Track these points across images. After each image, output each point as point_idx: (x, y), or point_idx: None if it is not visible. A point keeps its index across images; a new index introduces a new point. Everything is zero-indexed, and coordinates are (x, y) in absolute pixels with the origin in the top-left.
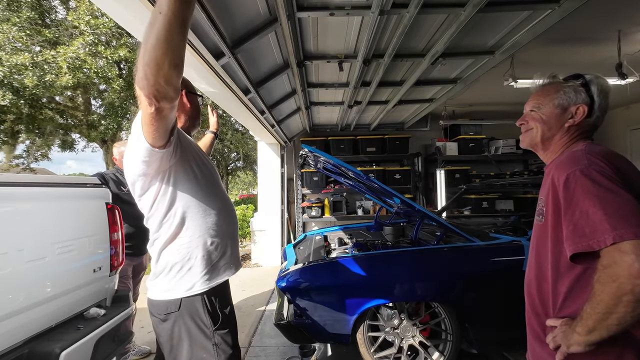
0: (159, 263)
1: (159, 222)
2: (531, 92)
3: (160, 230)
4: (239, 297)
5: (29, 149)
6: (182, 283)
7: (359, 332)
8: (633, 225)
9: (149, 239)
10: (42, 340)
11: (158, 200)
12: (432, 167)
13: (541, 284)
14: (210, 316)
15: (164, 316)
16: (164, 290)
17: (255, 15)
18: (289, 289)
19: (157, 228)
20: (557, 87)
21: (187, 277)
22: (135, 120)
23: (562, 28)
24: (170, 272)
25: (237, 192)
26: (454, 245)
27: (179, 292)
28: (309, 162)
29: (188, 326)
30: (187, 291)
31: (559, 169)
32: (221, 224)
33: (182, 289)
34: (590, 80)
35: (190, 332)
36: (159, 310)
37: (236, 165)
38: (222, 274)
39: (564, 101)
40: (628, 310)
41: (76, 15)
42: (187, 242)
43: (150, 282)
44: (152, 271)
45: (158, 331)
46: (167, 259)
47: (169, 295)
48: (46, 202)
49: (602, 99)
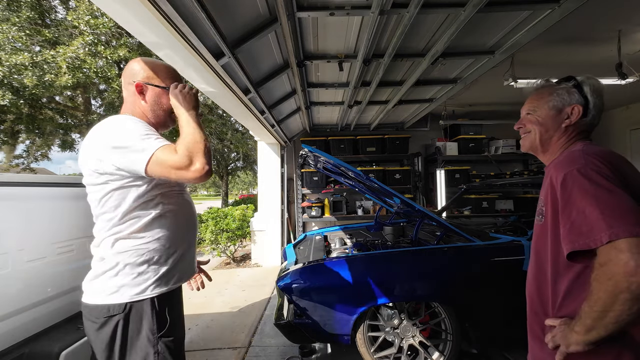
0: (106, 262)
1: (120, 219)
2: (526, 96)
3: (120, 227)
4: (239, 297)
5: (29, 149)
6: (132, 285)
7: (359, 332)
8: (629, 223)
9: (96, 235)
10: (42, 340)
11: (125, 195)
12: (432, 167)
13: (540, 283)
14: (157, 321)
15: (103, 319)
16: (109, 293)
17: (255, 15)
18: (289, 289)
19: (116, 224)
20: (550, 89)
21: (139, 279)
22: (147, 135)
23: (562, 28)
24: (119, 273)
25: (237, 192)
26: (454, 245)
27: (126, 295)
28: (309, 162)
29: (131, 330)
30: (136, 295)
31: (557, 169)
32: (182, 228)
33: (131, 292)
34: (582, 81)
35: (132, 337)
36: (97, 314)
37: (236, 165)
38: (177, 281)
39: (558, 103)
40: (625, 308)
41: (76, 15)
42: (146, 242)
43: (88, 283)
44: (93, 272)
45: (92, 337)
46: (119, 259)
47: (113, 299)
48: (46, 202)
49: (596, 98)
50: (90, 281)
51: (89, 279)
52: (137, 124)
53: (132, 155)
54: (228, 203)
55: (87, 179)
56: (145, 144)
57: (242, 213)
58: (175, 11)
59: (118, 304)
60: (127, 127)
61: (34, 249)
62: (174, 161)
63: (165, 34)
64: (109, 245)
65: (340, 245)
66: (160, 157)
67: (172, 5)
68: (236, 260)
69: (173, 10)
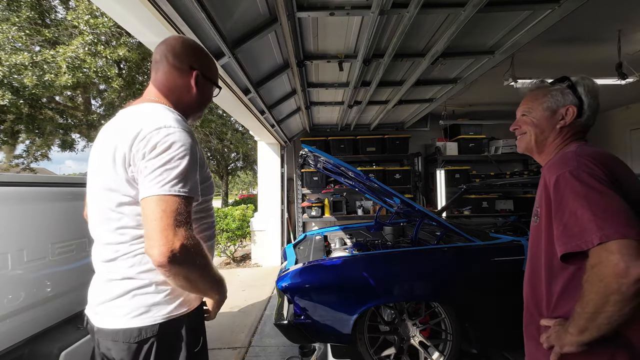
0: (131, 281)
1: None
2: (522, 97)
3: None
4: (239, 297)
5: (29, 149)
6: (164, 303)
7: (359, 332)
8: (619, 225)
9: (110, 249)
10: (42, 340)
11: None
12: (432, 167)
13: (536, 284)
14: (193, 338)
15: (134, 344)
16: (137, 314)
17: (255, 15)
18: (289, 289)
19: (137, 237)
20: (544, 91)
21: (172, 295)
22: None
23: (562, 28)
24: (148, 292)
25: (237, 192)
26: (454, 245)
27: (158, 315)
28: (309, 162)
29: (167, 351)
30: (168, 314)
31: (550, 170)
32: (205, 240)
33: (164, 310)
34: (576, 81)
35: (170, 357)
36: (124, 339)
37: (236, 165)
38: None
39: (552, 104)
40: (616, 309)
41: (75, 15)
42: None
43: (103, 305)
44: (108, 291)
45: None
46: (150, 277)
47: (144, 320)
48: (46, 202)
49: (591, 98)
50: (106, 303)
51: (105, 299)
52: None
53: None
54: (228, 203)
55: (116, 185)
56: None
57: (242, 213)
58: (175, 11)
59: (150, 325)
60: (178, 141)
61: (34, 249)
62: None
63: (165, 34)
64: (134, 261)
65: (340, 245)
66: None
67: (172, 5)
68: (236, 260)
69: (173, 10)
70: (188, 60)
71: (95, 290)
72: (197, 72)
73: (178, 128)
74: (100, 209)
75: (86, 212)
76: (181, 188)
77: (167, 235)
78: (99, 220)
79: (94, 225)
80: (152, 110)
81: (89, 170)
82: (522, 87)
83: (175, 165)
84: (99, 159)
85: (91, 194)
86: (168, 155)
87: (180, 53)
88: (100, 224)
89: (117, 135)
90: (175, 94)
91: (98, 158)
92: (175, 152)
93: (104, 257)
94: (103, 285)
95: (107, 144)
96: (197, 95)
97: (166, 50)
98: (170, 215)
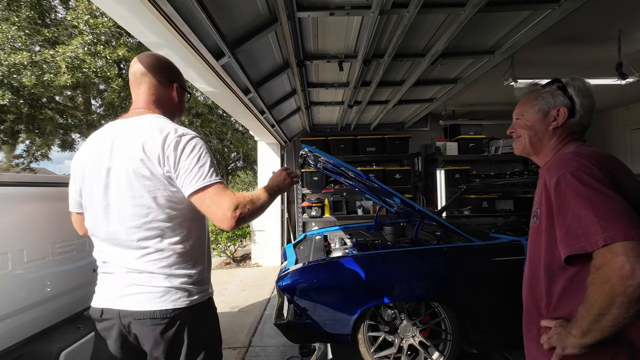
0: (164, 261)
1: (181, 223)
2: (519, 98)
3: (182, 229)
4: (239, 297)
5: (29, 149)
6: (192, 286)
7: (359, 332)
8: (623, 226)
9: (146, 236)
10: (42, 340)
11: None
12: (432, 167)
13: (535, 284)
14: (216, 318)
15: (168, 320)
16: (164, 295)
17: (255, 15)
18: (289, 289)
19: (179, 227)
20: (536, 94)
21: (198, 279)
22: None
23: (562, 28)
24: (172, 275)
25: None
26: (453, 245)
27: (188, 298)
28: (309, 162)
29: (198, 325)
30: (197, 295)
31: (550, 171)
32: (207, 237)
33: (193, 293)
34: (566, 82)
35: (200, 330)
36: (161, 316)
37: (236, 165)
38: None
39: (543, 106)
40: (621, 311)
41: (75, 15)
42: (195, 244)
43: (139, 287)
44: (136, 276)
45: (153, 342)
46: (177, 259)
47: (175, 301)
48: (46, 202)
49: (583, 98)
50: (137, 286)
51: (134, 282)
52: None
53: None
54: None
55: (152, 184)
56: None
57: None
58: (175, 11)
59: (182, 306)
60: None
61: (34, 249)
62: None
63: (165, 34)
64: (166, 243)
65: (340, 245)
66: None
67: (172, 5)
68: (236, 260)
69: (173, 10)
70: (167, 75)
71: (116, 282)
72: (176, 84)
73: (191, 133)
74: (122, 208)
75: (79, 223)
76: (216, 176)
77: (226, 213)
78: (119, 219)
79: (113, 226)
80: (162, 121)
81: (86, 182)
82: (516, 92)
83: (204, 161)
84: (112, 168)
85: (103, 200)
86: (197, 155)
87: (159, 69)
88: (121, 222)
89: (136, 142)
90: (161, 105)
91: (107, 168)
92: (199, 151)
93: (132, 254)
94: (127, 277)
95: (122, 153)
96: (179, 104)
97: (147, 67)
98: (221, 195)
